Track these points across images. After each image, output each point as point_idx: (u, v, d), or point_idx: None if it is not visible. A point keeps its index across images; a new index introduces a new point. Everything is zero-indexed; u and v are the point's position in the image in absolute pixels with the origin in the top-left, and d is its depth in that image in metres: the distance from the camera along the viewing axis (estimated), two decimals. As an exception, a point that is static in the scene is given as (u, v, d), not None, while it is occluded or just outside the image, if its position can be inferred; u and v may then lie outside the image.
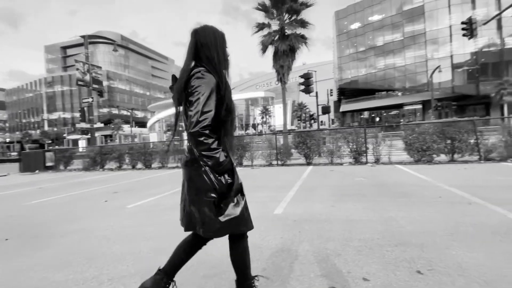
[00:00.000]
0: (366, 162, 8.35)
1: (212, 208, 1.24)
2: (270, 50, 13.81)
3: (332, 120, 47.70)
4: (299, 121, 51.81)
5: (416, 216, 2.98)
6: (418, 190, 4.28)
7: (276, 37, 13.34)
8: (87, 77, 16.58)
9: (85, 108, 16.68)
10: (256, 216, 3.29)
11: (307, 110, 55.87)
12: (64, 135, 54.83)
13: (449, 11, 35.57)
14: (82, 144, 34.74)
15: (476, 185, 4.36)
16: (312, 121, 35.28)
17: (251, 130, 58.43)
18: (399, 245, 2.22)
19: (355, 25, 46.39)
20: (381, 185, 4.91)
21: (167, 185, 6.40)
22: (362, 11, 45.02)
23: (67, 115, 65.99)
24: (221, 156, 1.22)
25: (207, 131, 1.17)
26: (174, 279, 1.44)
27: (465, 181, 4.80)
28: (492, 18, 12.91)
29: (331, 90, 38.54)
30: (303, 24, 12.78)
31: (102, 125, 39.07)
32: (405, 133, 7.97)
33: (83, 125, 16.79)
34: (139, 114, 71.07)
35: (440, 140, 7.43)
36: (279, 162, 9.72)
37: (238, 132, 56.34)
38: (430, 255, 2.00)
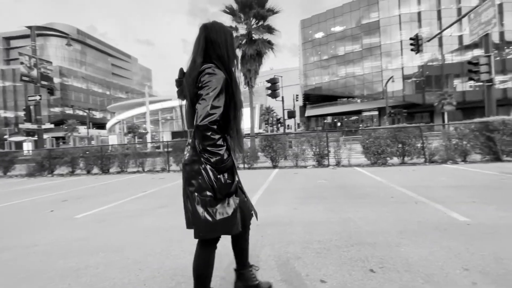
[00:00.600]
0: (328, 165, 8.74)
1: (205, 207, 1.22)
2: (238, 53, 13.85)
3: (298, 124, 49.37)
4: (267, 125, 52.52)
5: (371, 216, 3.17)
6: (374, 191, 4.58)
7: (244, 41, 13.43)
8: (34, 73, 14.90)
9: (31, 107, 14.92)
10: (219, 222, 3.23)
11: (275, 114, 57.06)
12: (6, 136, 48.45)
13: (400, 27, 39.36)
14: (27, 147, 31.04)
15: (422, 186, 4.80)
16: (279, 125, 36.06)
17: (219, 133, 57.66)
18: (355, 245, 2.33)
19: (319, 35, 48.83)
20: (341, 187, 5.16)
21: (125, 191, 5.98)
22: (325, 21, 47.60)
23: (10, 114, 58.61)
24: (225, 154, 1.21)
25: (215, 126, 1.15)
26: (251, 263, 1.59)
27: (413, 182, 5.26)
28: (434, 36, 14.55)
29: (297, 95, 39.98)
30: (270, 30, 13.06)
31: (52, 126, 35.35)
32: (362, 137, 8.53)
33: (28, 125, 14.98)
34: (98, 115, 65.94)
35: (393, 144, 8.09)
36: (246, 166, 9.71)
37: (205, 135, 55.16)
38: (382, 253, 2.12)
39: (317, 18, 48.61)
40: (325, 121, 52.46)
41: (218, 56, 1.29)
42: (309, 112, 51.85)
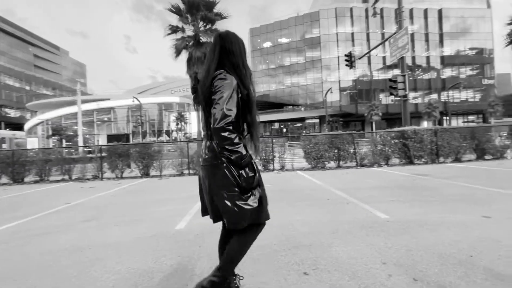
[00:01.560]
0: (273, 169, 9.02)
1: (234, 202, 1.32)
2: (184, 55, 13.39)
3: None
4: (216, 130, 52.07)
5: (309, 218, 3.32)
6: (313, 194, 4.86)
7: (191, 43, 13.06)
8: None
9: None
10: (153, 234, 2.96)
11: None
12: None
13: (337, 44, 43.84)
14: None
15: (353, 187, 5.31)
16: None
17: (164, 137, 54.61)
18: (292, 248, 2.39)
19: (267, 44, 50.87)
20: (284, 191, 5.35)
21: (42, 204, 5.06)
22: (273, 32, 49.90)
23: None
24: (243, 150, 1.31)
25: (230, 127, 1.25)
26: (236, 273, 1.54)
27: (346, 184, 5.79)
28: (363, 55, 16.61)
29: (246, 101, 40.43)
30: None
31: None
32: (304, 143, 9.07)
33: None
34: (13, 113, 55.46)
35: (330, 149, 8.82)
36: (191, 171, 9.33)
37: (149, 139, 51.57)
38: (316, 255, 2.22)
39: (265, 28, 50.61)
40: (273, 127, 54.53)
41: (233, 64, 1.40)
42: (257, 118, 53.09)
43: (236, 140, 1.27)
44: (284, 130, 51.85)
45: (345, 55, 15.42)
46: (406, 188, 4.96)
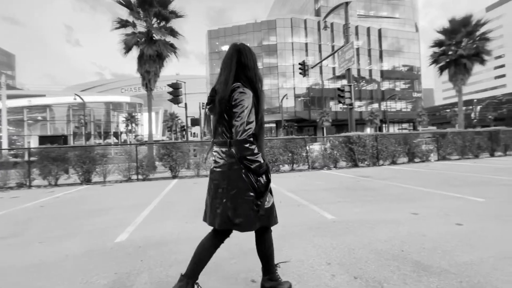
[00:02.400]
0: (229, 174, 8.91)
1: (251, 205, 1.40)
2: (135, 52, 12.50)
3: (204, 132, 49.04)
4: (170, 132, 49.63)
5: (260, 222, 3.32)
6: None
7: (143, 40, 12.25)
8: None
9: None
10: (86, 250, 2.60)
11: (180, 121, 54.70)
12: None
13: (293, 53, 46.03)
14: None
15: (304, 189, 5.53)
16: (184, 132, 34.69)
17: (112, 139, 50.10)
18: (241, 255, 2.33)
19: (226, 47, 50.78)
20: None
21: None
22: (231, 36, 50.03)
23: None
24: (261, 159, 1.41)
25: (251, 139, 1.36)
26: (197, 281, 1.55)
27: (298, 186, 6.00)
28: (315, 65, 17.74)
29: (203, 103, 39.67)
30: (173, 33, 12.46)
31: None
32: (260, 147, 9.18)
33: None
34: None
35: (284, 153, 9.10)
36: (140, 177, 8.66)
37: (93, 141, 46.73)
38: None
39: (223, 31, 50.48)
40: (231, 130, 54.30)
41: (247, 77, 1.48)
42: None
43: (256, 151, 1.38)
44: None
45: (299, 64, 16.22)
46: (351, 189, 5.35)
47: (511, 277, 1.77)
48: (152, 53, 11.87)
